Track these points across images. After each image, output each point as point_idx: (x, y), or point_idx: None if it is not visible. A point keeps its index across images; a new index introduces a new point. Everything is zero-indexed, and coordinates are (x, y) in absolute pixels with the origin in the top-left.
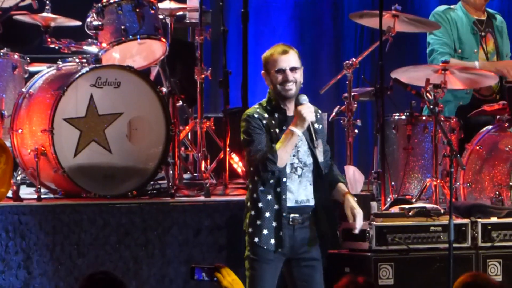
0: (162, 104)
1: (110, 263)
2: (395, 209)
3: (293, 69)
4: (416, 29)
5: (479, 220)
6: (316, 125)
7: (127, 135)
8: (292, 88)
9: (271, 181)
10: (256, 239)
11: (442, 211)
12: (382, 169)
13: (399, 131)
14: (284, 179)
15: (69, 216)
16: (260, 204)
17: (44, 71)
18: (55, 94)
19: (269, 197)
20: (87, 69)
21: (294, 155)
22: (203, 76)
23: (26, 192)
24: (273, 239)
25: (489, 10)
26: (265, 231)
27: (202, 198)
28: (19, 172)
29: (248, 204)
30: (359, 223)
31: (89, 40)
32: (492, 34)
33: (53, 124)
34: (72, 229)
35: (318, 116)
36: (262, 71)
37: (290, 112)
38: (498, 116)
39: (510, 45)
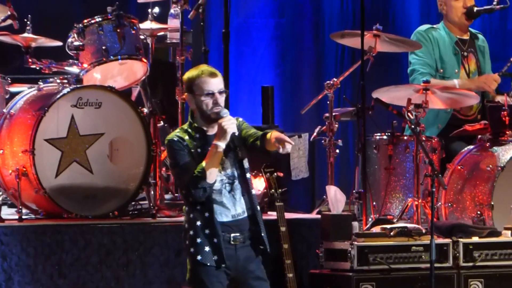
0: (143, 124)
1: (91, 284)
2: (376, 229)
3: (221, 92)
4: (398, 48)
5: (461, 240)
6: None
7: (109, 155)
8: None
9: (204, 199)
10: (199, 257)
11: (423, 231)
12: (364, 189)
13: (380, 151)
14: (214, 197)
15: (51, 236)
16: (198, 223)
17: (25, 91)
18: (36, 115)
19: (206, 214)
20: (68, 89)
21: (220, 171)
22: (184, 96)
23: (8, 213)
24: (215, 255)
25: (472, 30)
26: (206, 248)
27: (183, 218)
28: (0, 193)
29: (186, 225)
30: (287, 147)
31: (70, 60)
32: (474, 54)
33: (34, 145)
34: (53, 249)
35: (237, 124)
36: (185, 94)
37: (210, 132)
38: (479, 136)
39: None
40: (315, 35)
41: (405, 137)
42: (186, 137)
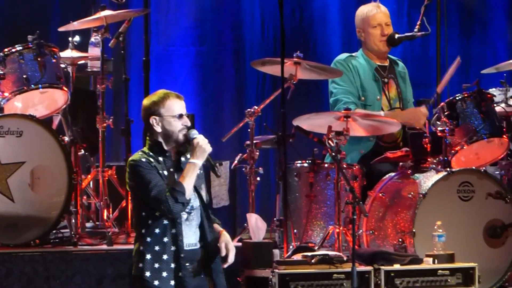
0: (64, 153)
1: None
2: (297, 257)
3: (188, 115)
4: (318, 76)
5: (382, 267)
6: (199, 171)
7: (30, 184)
8: None
9: (165, 222)
10: (156, 282)
11: (345, 258)
12: (285, 216)
13: (301, 178)
14: (179, 220)
15: None
16: (156, 248)
17: None
18: None
19: (166, 239)
20: None
21: None
22: (105, 124)
23: None
24: (173, 280)
25: (391, 56)
26: (164, 273)
27: (104, 246)
28: None
29: (141, 248)
30: (231, 258)
31: None
32: (395, 80)
33: None
34: None
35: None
36: (152, 117)
37: (173, 156)
38: (401, 163)
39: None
40: (236, 63)
41: (326, 165)
42: (152, 160)
